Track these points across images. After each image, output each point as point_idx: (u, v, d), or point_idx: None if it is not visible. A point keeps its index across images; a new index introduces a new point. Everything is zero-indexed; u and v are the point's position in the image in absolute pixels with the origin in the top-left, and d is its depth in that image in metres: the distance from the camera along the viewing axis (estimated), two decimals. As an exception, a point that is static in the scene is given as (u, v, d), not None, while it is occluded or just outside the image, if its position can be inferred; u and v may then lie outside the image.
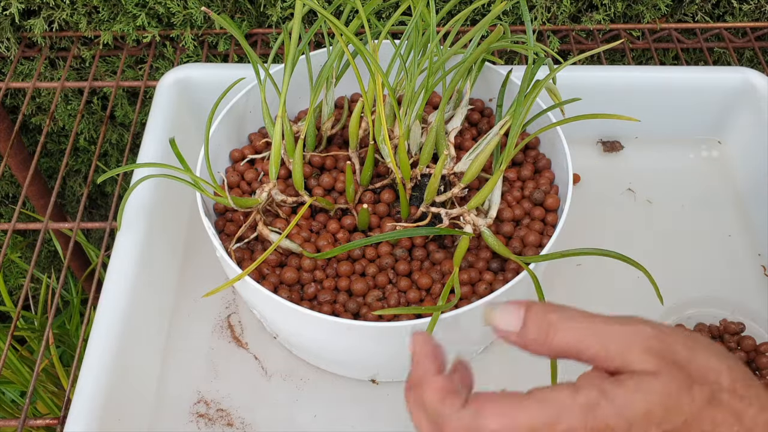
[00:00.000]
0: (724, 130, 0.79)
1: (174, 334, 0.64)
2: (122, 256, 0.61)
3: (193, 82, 0.75)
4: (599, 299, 0.66)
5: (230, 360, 0.62)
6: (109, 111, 0.82)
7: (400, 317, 0.53)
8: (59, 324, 1.14)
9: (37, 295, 1.18)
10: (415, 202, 0.59)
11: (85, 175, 1.08)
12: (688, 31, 0.90)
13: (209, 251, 0.58)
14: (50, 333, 0.82)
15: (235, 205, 0.55)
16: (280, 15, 0.85)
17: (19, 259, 1.13)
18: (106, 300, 0.58)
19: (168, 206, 0.67)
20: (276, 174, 0.57)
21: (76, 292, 1.12)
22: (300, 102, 0.68)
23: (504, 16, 0.86)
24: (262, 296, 0.51)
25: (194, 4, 0.84)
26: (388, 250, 0.57)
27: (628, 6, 0.87)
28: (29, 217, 1.10)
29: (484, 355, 0.63)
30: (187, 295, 0.66)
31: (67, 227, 0.73)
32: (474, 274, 0.55)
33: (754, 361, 0.62)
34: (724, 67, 0.78)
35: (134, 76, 0.92)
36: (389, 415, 0.59)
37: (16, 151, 0.94)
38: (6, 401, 1.03)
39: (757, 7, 0.87)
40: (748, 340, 0.62)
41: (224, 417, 0.59)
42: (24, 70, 0.91)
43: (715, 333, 0.64)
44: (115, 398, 0.54)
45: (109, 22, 0.87)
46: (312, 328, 0.52)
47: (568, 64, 0.56)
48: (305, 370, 0.62)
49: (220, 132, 0.62)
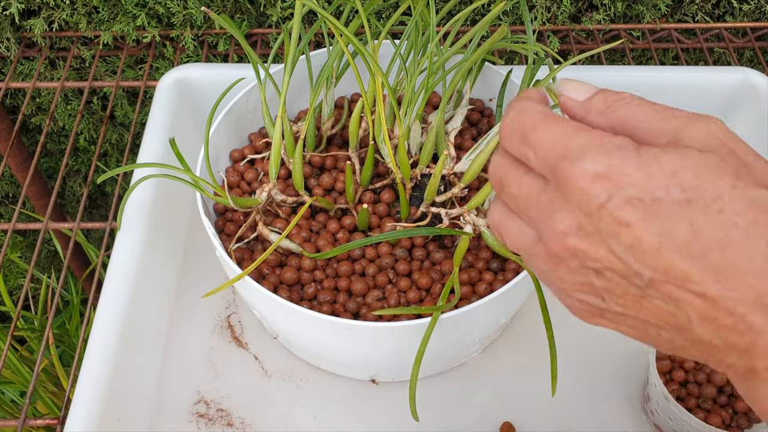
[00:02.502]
0: (724, 130, 0.79)
1: (174, 334, 0.64)
2: (122, 256, 0.61)
3: (193, 82, 0.75)
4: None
5: (230, 360, 0.62)
6: (109, 111, 0.82)
7: (400, 317, 0.53)
8: (59, 324, 1.14)
9: (37, 295, 1.18)
10: (415, 202, 0.59)
11: (85, 175, 1.08)
12: (688, 31, 0.90)
13: (209, 251, 0.58)
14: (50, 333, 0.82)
15: (235, 205, 0.55)
16: (280, 15, 0.85)
17: (19, 259, 1.13)
18: (106, 300, 0.58)
19: (168, 206, 0.67)
20: (276, 174, 0.57)
21: (76, 292, 1.12)
22: (300, 102, 0.68)
23: (504, 16, 0.86)
24: (262, 296, 0.51)
25: (194, 4, 0.84)
26: (388, 250, 0.57)
27: (628, 6, 0.87)
28: (29, 217, 1.10)
29: (484, 355, 0.63)
30: (187, 295, 0.66)
31: (67, 227, 0.73)
32: (474, 274, 0.55)
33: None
34: (724, 67, 0.78)
35: (134, 76, 0.92)
36: (389, 415, 0.59)
37: (16, 151, 0.94)
38: (6, 401, 1.03)
39: (757, 7, 0.87)
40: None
41: (224, 417, 0.59)
42: (24, 70, 0.91)
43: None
44: (115, 398, 0.54)
45: (109, 22, 0.87)
46: (312, 328, 0.52)
47: (568, 64, 0.56)
48: (305, 370, 0.62)
49: (220, 132, 0.62)
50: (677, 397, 0.56)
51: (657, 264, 0.28)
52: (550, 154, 0.30)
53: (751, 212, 0.27)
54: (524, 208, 0.32)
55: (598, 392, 0.60)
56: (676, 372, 0.57)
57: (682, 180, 0.28)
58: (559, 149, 0.30)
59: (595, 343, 0.63)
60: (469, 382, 0.61)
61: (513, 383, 0.61)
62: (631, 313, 0.30)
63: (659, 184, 0.28)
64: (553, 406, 0.59)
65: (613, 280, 0.30)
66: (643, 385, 0.60)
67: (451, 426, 0.59)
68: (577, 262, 0.30)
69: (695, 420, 0.52)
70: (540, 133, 0.31)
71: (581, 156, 0.29)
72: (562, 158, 0.29)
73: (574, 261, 0.30)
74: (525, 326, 0.64)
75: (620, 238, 0.28)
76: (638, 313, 0.30)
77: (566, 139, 0.30)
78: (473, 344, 0.59)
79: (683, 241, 0.28)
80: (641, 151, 0.29)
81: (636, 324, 0.31)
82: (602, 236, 0.29)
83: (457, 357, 0.61)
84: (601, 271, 0.30)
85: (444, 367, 0.61)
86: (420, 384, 0.59)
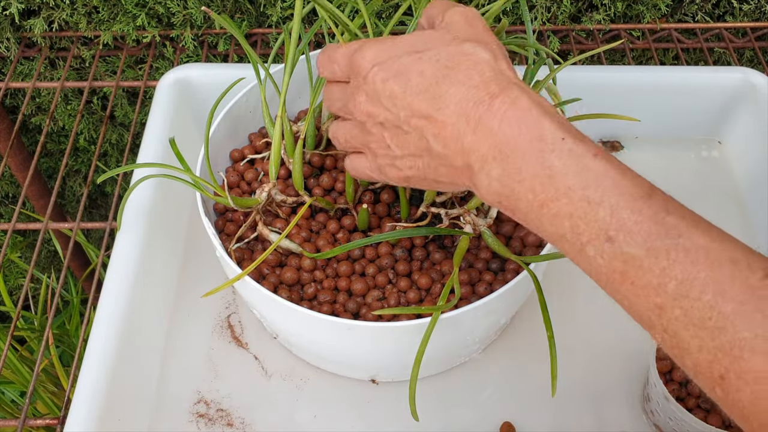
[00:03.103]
0: (724, 130, 0.79)
1: (174, 334, 0.64)
2: (122, 256, 0.61)
3: (193, 82, 0.75)
4: (599, 299, 0.66)
5: (230, 360, 0.62)
6: (109, 111, 0.82)
7: (400, 317, 0.53)
8: (59, 324, 1.14)
9: (37, 295, 1.18)
10: (415, 203, 0.59)
11: (85, 175, 1.08)
12: (688, 31, 0.90)
13: (209, 251, 0.58)
14: (50, 333, 0.82)
15: (235, 205, 0.55)
16: (280, 15, 0.85)
17: (19, 259, 1.13)
18: (106, 300, 0.58)
19: (168, 206, 0.67)
20: (276, 174, 0.57)
21: (76, 292, 1.12)
22: (300, 102, 0.68)
23: (504, 15, 0.86)
24: (261, 296, 0.51)
25: (194, 4, 0.84)
26: (388, 251, 0.57)
27: (628, 6, 0.87)
28: (29, 217, 1.10)
29: (484, 355, 0.63)
30: (187, 295, 0.66)
31: (67, 227, 0.73)
32: (474, 274, 0.55)
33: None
34: (724, 67, 0.78)
35: (134, 76, 0.92)
36: (389, 415, 0.59)
37: (16, 151, 0.94)
38: (6, 401, 1.03)
39: (757, 7, 0.87)
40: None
41: (224, 417, 0.59)
42: (24, 70, 0.91)
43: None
44: (115, 398, 0.54)
45: (109, 22, 0.87)
46: (312, 328, 0.52)
47: (568, 64, 0.56)
48: (305, 370, 0.62)
49: (220, 132, 0.62)
50: (677, 397, 0.56)
51: (404, 104, 0.41)
52: (346, 59, 0.44)
53: (455, 58, 0.41)
54: (341, 104, 0.46)
55: (598, 392, 0.60)
56: (676, 372, 0.57)
57: (415, 46, 0.42)
58: (350, 52, 0.44)
59: (595, 343, 0.63)
60: (469, 382, 0.61)
61: (513, 383, 0.61)
62: (406, 153, 0.43)
63: (402, 50, 0.42)
64: (553, 406, 0.59)
65: (389, 128, 0.43)
66: (643, 385, 0.60)
67: (451, 426, 0.59)
68: (372, 121, 0.44)
69: (695, 420, 0.52)
70: (340, 50, 0.45)
71: (363, 47, 0.43)
72: (355, 52, 0.43)
73: (370, 121, 0.44)
74: (525, 326, 0.64)
75: (385, 92, 0.42)
76: (407, 149, 0.43)
77: (355, 44, 0.44)
78: (473, 344, 0.59)
79: (415, 83, 0.41)
80: (396, 39, 0.43)
81: (411, 163, 0.43)
82: (377, 96, 0.42)
83: (457, 357, 0.61)
84: (384, 123, 0.43)
85: (444, 367, 0.61)
86: (420, 384, 0.59)
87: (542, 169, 0.38)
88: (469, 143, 0.40)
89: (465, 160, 0.40)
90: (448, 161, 0.41)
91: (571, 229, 0.37)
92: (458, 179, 0.42)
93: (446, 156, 0.41)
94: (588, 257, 0.37)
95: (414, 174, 0.44)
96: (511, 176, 0.39)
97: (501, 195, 0.40)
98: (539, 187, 0.38)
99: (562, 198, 0.37)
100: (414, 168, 0.44)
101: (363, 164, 0.47)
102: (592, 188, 0.37)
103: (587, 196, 0.37)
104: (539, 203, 0.38)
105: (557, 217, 0.38)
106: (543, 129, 0.38)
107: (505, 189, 0.39)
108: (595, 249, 0.37)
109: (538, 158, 0.38)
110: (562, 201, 0.37)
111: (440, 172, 0.43)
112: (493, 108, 0.39)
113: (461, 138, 0.40)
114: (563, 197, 0.37)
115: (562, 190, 0.37)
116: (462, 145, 0.40)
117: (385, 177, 0.46)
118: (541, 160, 0.38)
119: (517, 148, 0.38)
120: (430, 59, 0.41)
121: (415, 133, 0.42)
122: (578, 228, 0.37)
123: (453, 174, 0.42)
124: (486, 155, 0.39)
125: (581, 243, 0.37)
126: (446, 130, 0.40)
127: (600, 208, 0.36)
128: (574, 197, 0.37)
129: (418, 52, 0.41)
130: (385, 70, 0.42)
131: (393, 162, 0.45)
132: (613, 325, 0.65)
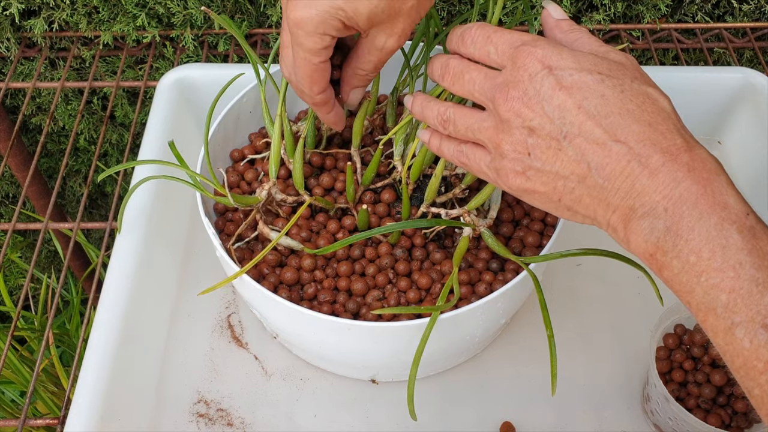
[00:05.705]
0: (724, 130, 0.79)
1: (174, 334, 0.64)
2: (122, 256, 0.61)
3: (193, 82, 0.75)
4: (599, 299, 0.66)
5: (230, 360, 0.62)
6: (109, 111, 0.82)
7: (400, 317, 0.53)
8: (59, 324, 1.14)
9: (37, 295, 1.18)
10: (415, 203, 0.59)
11: (85, 175, 1.08)
12: (688, 31, 0.90)
13: (209, 251, 0.58)
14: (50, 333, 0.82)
15: (235, 203, 0.55)
16: (280, 15, 0.85)
17: (19, 259, 1.13)
18: (106, 300, 0.58)
19: (168, 206, 0.67)
20: (276, 173, 0.57)
21: (76, 292, 1.12)
22: (300, 102, 0.68)
23: (505, 17, 0.86)
24: (261, 296, 0.51)
25: (194, 4, 0.84)
26: (388, 250, 0.57)
27: (628, 6, 0.87)
28: (29, 217, 1.10)
29: (484, 355, 0.63)
30: (187, 295, 0.66)
31: (67, 227, 0.73)
32: (473, 274, 0.55)
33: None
34: (724, 67, 0.78)
35: (134, 76, 0.92)
36: (389, 415, 0.59)
37: (16, 151, 0.94)
38: (6, 401, 1.03)
39: (757, 7, 0.87)
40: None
41: (224, 417, 0.59)
42: (24, 70, 0.91)
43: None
44: (115, 398, 0.54)
45: (109, 22, 0.87)
46: (311, 328, 0.52)
47: (568, 64, 0.56)
48: (305, 370, 0.62)
49: (220, 132, 0.62)
50: (677, 397, 0.56)
51: (574, 120, 0.39)
52: (508, 47, 0.41)
53: (640, 97, 0.40)
54: (480, 88, 0.43)
55: (598, 392, 0.60)
56: (675, 372, 0.57)
57: (599, 68, 0.40)
58: (516, 42, 0.41)
59: (596, 343, 0.63)
60: (469, 382, 0.61)
61: (513, 383, 0.61)
62: (548, 168, 0.40)
63: (585, 66, 0.40)
64: (553, 406, 0.59)
65: (541, 136, 0.40)
66: (643, 386, 0.60)
67: (451, 426, 0.59)
68: (519, 121, 0.40)
69: (695, 420, 0.52)
70: (500, 33, 0.42)
71: (534, 43, 0.41)
72: (523, 44, 0.41)
73: (517, 120, 0.40)
74: (525, 326, 0.64)
75: (553, 100, 0.39)
76: (553, 166, 0.40)
77: (522, 36, 0.42)
78: (473, 344, 0.59)
79: (594, 105, 0.39)
80: (575, 52, 0.41)
81: (548, 180, 0.41)
82: (540, 98, 0.40)
83: (457, 357, 0.61)
84: (534, 128, 0.40)
85: (444, 367, 0.61)
86: (420, 384, 0.59)
87: (718, 237, 0.36)
88: (642, 186, 0.38)
89: (629, 201, 0.38)
90: (603, 195, 0.39)
91: (726, 304, 0.35)
92: (601, 216, 0.40)
93: (603, 189, 0.39)
94: (733, 337, 0.35)
95: (543, 191, 0.41)
96: (679, 234, 0.37)
97: (657, 247, 0.37)
98: (707, 254, 0.36)
99: (729, 271, 0.35)
100: (548, 186, 0.41)
101: (481, 158, 0.44)
102: (765, 272, 0.35)
103: (757, 278, 0.35)
104: (700, 269, 0.36)
105: (715, 289, 0.36)
106: (728, 198, 0.37)
107: (665, 243, 0.37)
108: (745, 331, 0.35)
109: (716, 225, 0.36)
110: (727, 274, 0.35)
111: (583, 201, 0.40)
112: (679, 160, 0.37)
113: (634, 178, 0.38)
114: (730, 270, 0.35)
115: (732, 263, 0.35)
116: (632, 186, 0.38)
117: (501, 180, 0.43)
118: (719, 227, 0.36)
119: (696, 207, 0.36)
120: (614, 87, 0.39)
121: (573, 154, 0.39)
122: (735, 306, 0.35)
123: (598, 208, 0.40)
124: (657, 204, 0.37)
125: (732, 321, 0.35)
126: (617, 164, 0.38)
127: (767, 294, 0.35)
128: (742, 274, 0.35)
129: (601, 74, 0.39)
130: (560, 78, 0.39)
131: (524, 171, 0.41)
132: (613, 325, 0.65)
